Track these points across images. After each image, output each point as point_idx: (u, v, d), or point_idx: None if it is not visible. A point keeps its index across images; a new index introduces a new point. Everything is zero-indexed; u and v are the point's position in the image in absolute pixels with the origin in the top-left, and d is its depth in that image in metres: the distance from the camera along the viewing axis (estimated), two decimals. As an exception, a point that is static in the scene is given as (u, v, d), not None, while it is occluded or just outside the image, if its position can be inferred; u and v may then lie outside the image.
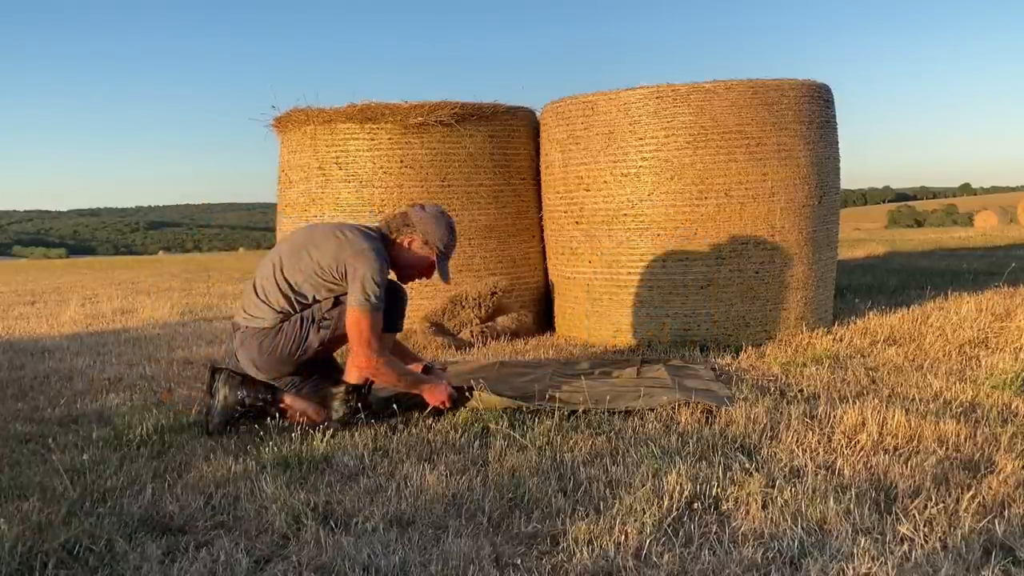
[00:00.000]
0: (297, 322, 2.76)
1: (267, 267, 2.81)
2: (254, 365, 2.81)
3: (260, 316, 2.78)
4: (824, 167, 4.25)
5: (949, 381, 3.06)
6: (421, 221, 2.83)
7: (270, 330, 2.76)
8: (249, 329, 2.79)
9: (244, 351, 2.81)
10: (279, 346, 2.75)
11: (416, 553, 1.73)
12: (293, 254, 2.78)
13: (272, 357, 2.77)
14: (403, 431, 2.67)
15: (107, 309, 6.90)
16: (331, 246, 2.71)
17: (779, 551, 1.69)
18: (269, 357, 2.77)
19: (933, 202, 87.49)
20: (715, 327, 4.09)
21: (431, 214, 2.86)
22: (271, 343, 2.75)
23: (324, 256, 2.70)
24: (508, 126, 4.66)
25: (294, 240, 2.86)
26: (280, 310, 2.76)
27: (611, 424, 2.68)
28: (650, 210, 4.09)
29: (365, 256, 2.67)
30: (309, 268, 2.72)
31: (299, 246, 2.79)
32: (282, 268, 2.77)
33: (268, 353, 2.76)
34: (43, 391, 3.54)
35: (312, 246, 2.75)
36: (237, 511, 2.02)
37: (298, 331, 2.75)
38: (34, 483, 2.25)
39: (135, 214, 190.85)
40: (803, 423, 2.57)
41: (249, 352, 2.80)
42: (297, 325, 2.75)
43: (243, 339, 2.81)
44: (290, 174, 4.74)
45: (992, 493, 1.94)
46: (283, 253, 2.81)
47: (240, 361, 2.86)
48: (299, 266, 2.74)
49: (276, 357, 2.77)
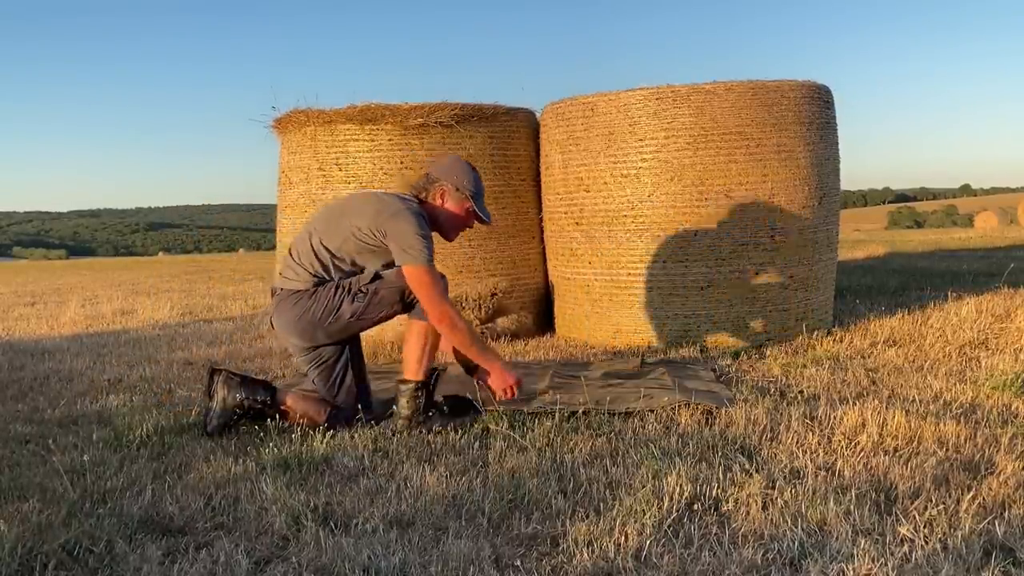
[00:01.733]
0: (332, 288, 2.74)
1: (304, 233, 2.84)
2: (288, 328, 2.78)
3: (295, 278, 2.77)
4: (824, 168, 4.25)
5: (949, 382, 3.06)
6: (444, 171, 2.83)
7: (304, 292, 2.75)
8: (284, 291, 2.78)
9: (279, 314, 2.79)
10: (311, 309, 2.72)
11: (416, 554, 1.73)
12: (331, 220, 2.79)
13: (304, 320, 2.73)
14: (403, 432, 2.67)
15: (107, 310, 6.90)
16: (369, 210, 2.72)
17: (779, 552, 1.69)
18: (300, 320, 2.74)
19: (933, 203, 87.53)
20: (715, 328, 4.09)
21: (449, 162, 2.88)
22: (304, 305, 2.73)
23: (362, 220, 2.71)
24: (508, 127, 4.66)
25: (331, 208, 2.88)
26: (315, 273, 2.75)
27: (611, 425, 2.68)
28: (650, 211, 4.09)
29: (402, 214, 2.66)
30: (347, 231, 2.73)
31: (336, 213, 2.81)
32: (319, 233, 2.77)
33: (299, 316, 2.73)
34: (43, 392, 3.54)
35: (350, 211, 2.76)
36: (237, 512, 2.02)
37: (331, 298, 2.72)
38: (34, 484, 2.25)
39: (135, 215, 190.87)
40: (803, 424, 2.57)
41: (283, 314, 2.77)
42: (331, 291, 2.73)
43: (278, 302, 2.80)
44: (290, 175, 4.74)
45: (992, 494, 1.94)
46: (319, 219, 2.83)
47: (276, 328, 2.85)
48: (337, 231, 2.75)
49: (308, 320, 2.73)
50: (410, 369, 2.75)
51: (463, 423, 2.71)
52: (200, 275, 12.27)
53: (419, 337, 2.73)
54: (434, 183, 2.80)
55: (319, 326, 2.74)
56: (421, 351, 2.73)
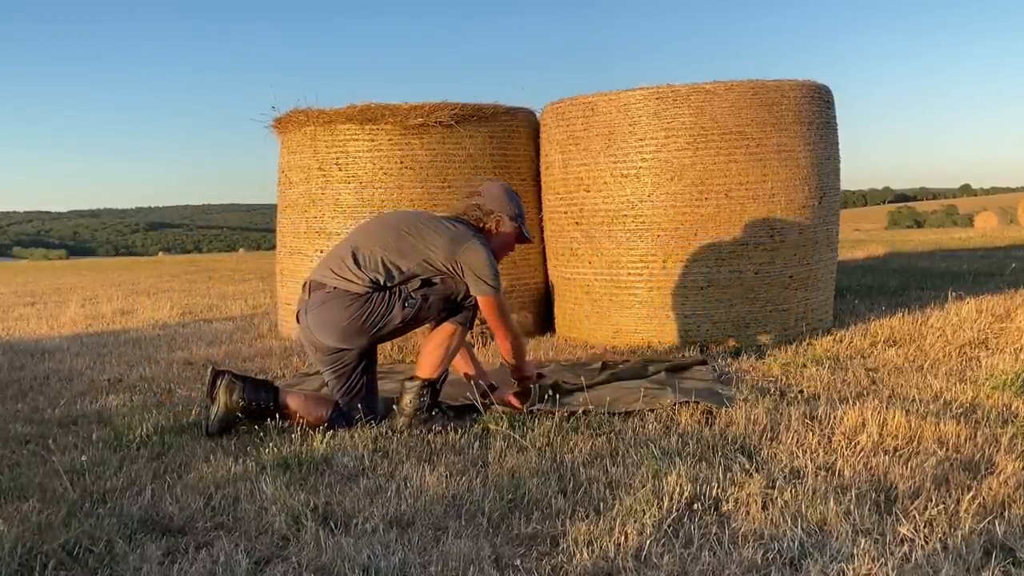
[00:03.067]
0: (386, 295, 2.74)
1: (371, 243, 2.80)
2: (330, 327, 2.76)
3: (355, 280, 2.75)
4: (824, 168, 4.25)
5: (949, 382, 3.06)
6: (496, 202, 2.91)
7: (359, 296, 2.74)
8: (338, 290, 2.76)
9: (326, 309, 2.76)
10: (362, 314, 2.72)
11: (416, 554, 1.73)
12: (401, 240, 2.78)
13: (353, 323, 2.73)
14: (404, 430, 2.67)
15: (107, 310, 6.90)
16: (442, 241, 2.75)
17: (779, 552, 1.69)
18: (350, 323, 2.73)
19: (933, 203, 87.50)
20: (715, 327, 4.09)
21: (499, 192, 2.94)
22: (356, 310, 2.72)
23: (437, 250, 2.75)
24: (508, 127, 4.66)
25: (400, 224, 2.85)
26: (373, 280, 2.75)
27: (611, 425, 2.68)
28: (650, 211, 4.09)
29: (475, 248, 2.76)
30: (421, 257, 2.75)
31: (406, 231, 2.79)
32: (391, 252, 2.76)
33: (350, 318, 2.72)
34: (43, 392, 3.54)
35: (421, 236, 2.77)
36: (237, 512, 2.02)
37: (384, 304, 2.73)
38: (34, 484, 2.25)
39: (135, 215, 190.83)
40: (803, 424, 2.57)
41: (332, 311, 2.74)
42: (384, 298, 2.74)
43: (326, 299, 2.76)
44: (290, 175, 4.74)
45: (992, 494, 1.94)
46: (389, 234, 2.81)
47: (311, 324, 2.79)
48: (410, 254, 2.76)
49: (357, 324, 2.73)
50: (425, 368, 2.77)
51: (463, 424, 2.71)
52: (200, 275, 12.27)
53: (444, 339, 2.77)
54: (489, 214, 2.90)
55: (366, 331, 2.75)
56: (442, 354, 2.77)
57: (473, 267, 2.73)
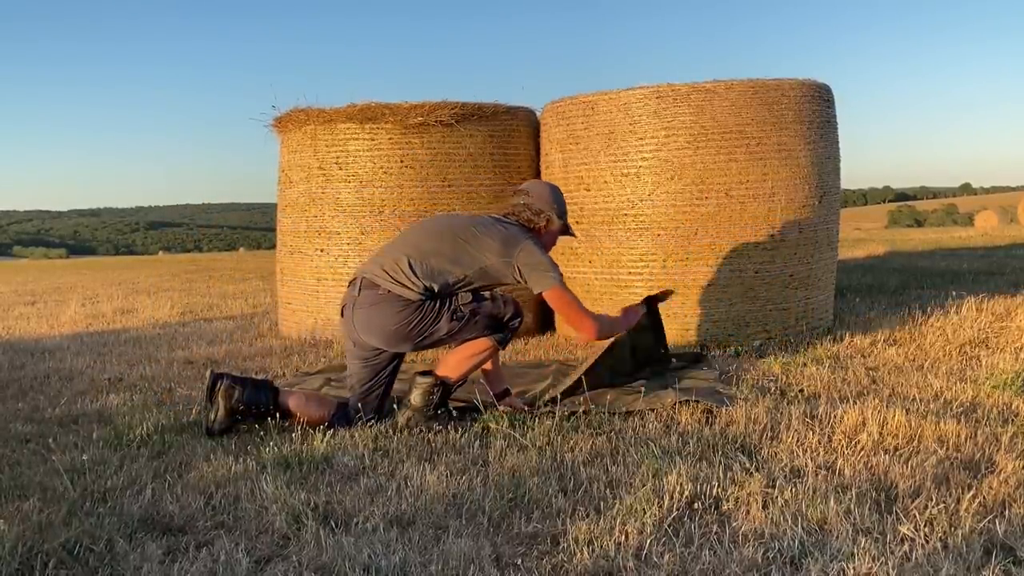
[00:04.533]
0: (436, 304, 2.75)
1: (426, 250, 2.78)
2: (377, 329, 2.75)
3: (410, 286, 2.73)
4: (824, 167, 4.25)
5: (949, 381, 3.06)
6: (545, 202, 2.93)
7: (411, 303, 2.73)
8: (391, 294, 2.75)
9: (376, 311, 2.74)
10: (412, 322, 2.72)
11: (416, 553, 1.73)
12: (457, 247, 2.77)
13: (401, 329, 2.73)
14: (405, 428, 2.67)
15: (107, 309, 6.90)
16: (496, 245, 2.76)
17: (779, 551, 1.69)
18: (398, 328, 2.73)
19: (933, 202, 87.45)
20: (715, 327, 4.09)
21: (547, 192, 2.97)
22: (407, 316, 2.72)
23: (491, 256, 2.76)
24: (508, 126, 4.66)
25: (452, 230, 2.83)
26: (428, 287, 2.75)
27: (611, 424, 2.68)
28: (650, 210, 4.09)
29: (530, 249, 2.79)
30: (475, 265, 2.76)
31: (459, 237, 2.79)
32: (442, 256, 2.76)
33: (399, 324, 2.72)
34: (43, 391, 3.54)
35: (474, 241, 2.77)
36: (237, 511, 2.02)
37: (434, 314, 2.73)
38: (34, 483, 2.25)
39: (135, 214, 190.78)
40: (803, 423, 2.57)
41: (382, 314, 2.74)
42: (436, 307, 2.74)
43: (378, 300, 2.75)
44: (290, 174, 4.74)
45: (992, 493, 1.94)
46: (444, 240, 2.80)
47: (359, 318, 2.77)
48: (460, 260, 2.76)
49: (405, 331, 2.73)
50: (446, 367, 2.79)
51: (463, 423, 2.72)
52: (200, 274, 12.26)
53: (477, 351, 2.79)
54: (539, 214, 2.92)
55: (412, 338, 2.76)
56: (470, 362, 2.79)
57: (532, 266, 2.77)
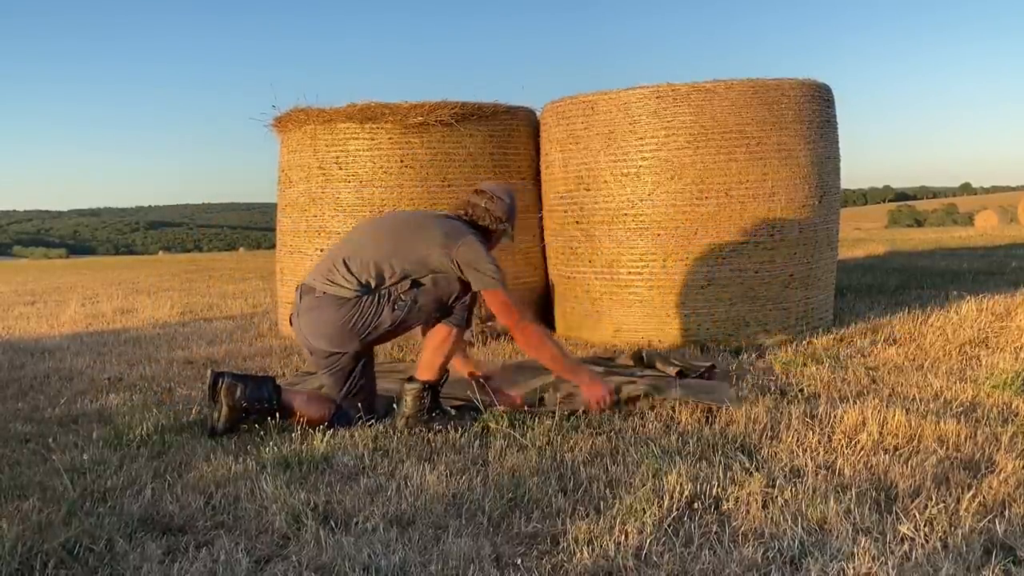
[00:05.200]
0: (375, 299, 2.75)
1: (363, 246, 2.81)
2: (320, 331, 2.78)
3: (345, 285, 2.76)
4: (824, 167, 4.25)
5: (949, 381, 3.06)
6: (502, 210, 2.91)
7: (348, 301, 2.75)
8: (327, 296, 2.77)
9: (316, 314, 2.78)
10: (352, 318, 2.74)
11: (416, 553, 1.73)
12: (399, 242, 2.78)
13: (343, 327, 2.74)
14: (404, 430, 2.67)
15: (107, 309, 6.90)
16: (437, 238, 2.75)
17: (779, 551, 1.69)
18: (340, 327, 2.74)
19: (933, 202, 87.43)
20: (715, 327, 4.09)
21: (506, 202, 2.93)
22: (345, 314, 2.74)
23: (433, 248, 2.74)
24: (508, 126, 4.65)
25: (394, 226, 2.87)
26: (365, 284, 2.76)
27: (611, 424, 2.68)
28: (650, 210, 4.09)
29: (471, 243, 2.76)
30: (417, 256, 2.75)
31: (401, 232, 2.81)
32: (379, 251, 2.77)
33: (339, 323, 2.74)
34: (43, 391, 3.54)
35: (415, 236, 2.78)
36: (237, 511, 2.02)
37: (374, 308, 2.74)
38: (34, 483, 2.25)
39: (135, 214, 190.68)
40: (803, 423, 2.57)
41: (321, 316, 2.77)
42: (374, 301, 2.75)
43: (317, 304, 2.78)
44: (290, 174, 4.74)
45: (992, 493, 1.94)
46: (387, 237, 2.82)
47: (304, 329, 2.82)
48: (408, 255, 2.76)
49: (347, 328, 2.74)
50: (424, 370, 2.79)
51: (463, 423, 2.72)
52: (200, 274, 12.26)
53: (441, 341, 2.78)
54: (496, 220, 2.91)
55: (356, 335, 2.76)
56: (441, 356, 2.79)
57: (471, 262, 2.73)
